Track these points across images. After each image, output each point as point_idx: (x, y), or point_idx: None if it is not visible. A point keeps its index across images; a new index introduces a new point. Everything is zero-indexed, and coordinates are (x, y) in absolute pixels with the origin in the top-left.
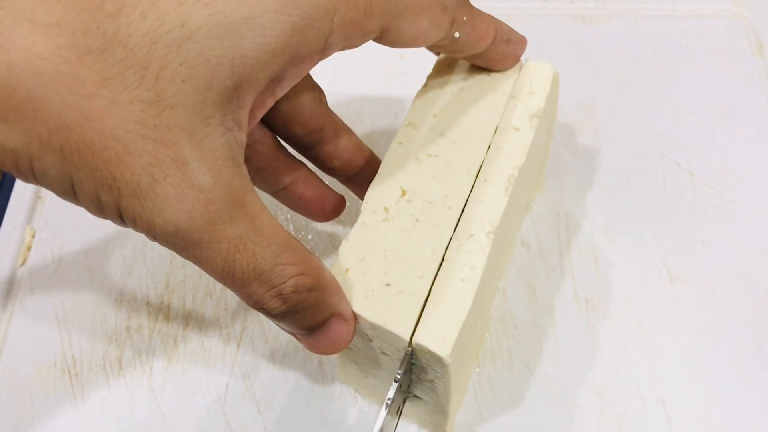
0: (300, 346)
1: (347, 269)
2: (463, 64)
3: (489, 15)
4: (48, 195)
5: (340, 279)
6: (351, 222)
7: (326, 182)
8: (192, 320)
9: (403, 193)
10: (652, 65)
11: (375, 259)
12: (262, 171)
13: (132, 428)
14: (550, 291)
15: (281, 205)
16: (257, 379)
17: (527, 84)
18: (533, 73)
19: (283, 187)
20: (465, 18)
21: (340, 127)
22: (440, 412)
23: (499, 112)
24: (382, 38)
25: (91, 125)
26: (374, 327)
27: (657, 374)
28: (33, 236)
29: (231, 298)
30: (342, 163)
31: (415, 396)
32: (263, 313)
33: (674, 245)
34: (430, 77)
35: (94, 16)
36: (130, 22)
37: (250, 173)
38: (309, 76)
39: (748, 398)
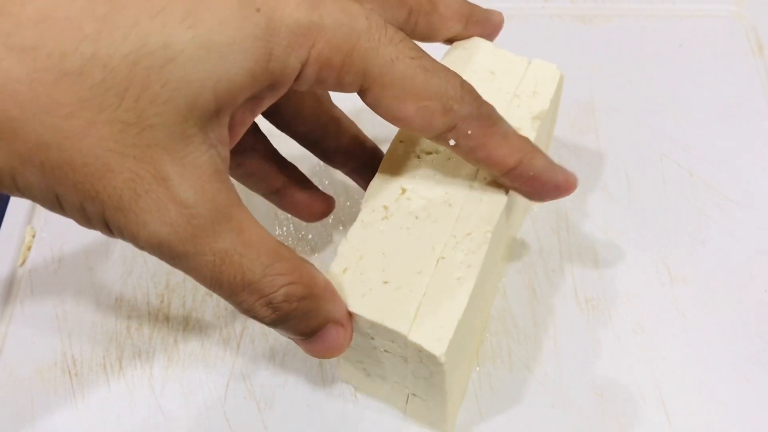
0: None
1: (346, 268)
2: (467, 64)
3: (520, 139)
4: None
5: (338, 278)
6: (350, 220)
7: (323, 180)
8: (192, 320)
9: (403, 191)
10: (652, 65)
11: (374, 257)
12: (255, 175)
13: (132, 428)
14: (550, 291)
15: None
16: (257, 379)
17: (532, 84)
18: (538, 74)
19: (275, 191)
20: (470, 132)
21: (343, 122)
22: (439, 410)
23: (502, 111)
24: (364, 98)
25: (70, 143)
26: (373, 325)
27: (657, 374)
28: (33, 236)
29: None
30: (345, 157)
31: (414, 395)
32: (255, 319)
33: (674, 245)
34: None
35: (73, 38)
36: (110, 44)
37: (243, 177)
38: None
39: (748, 398)
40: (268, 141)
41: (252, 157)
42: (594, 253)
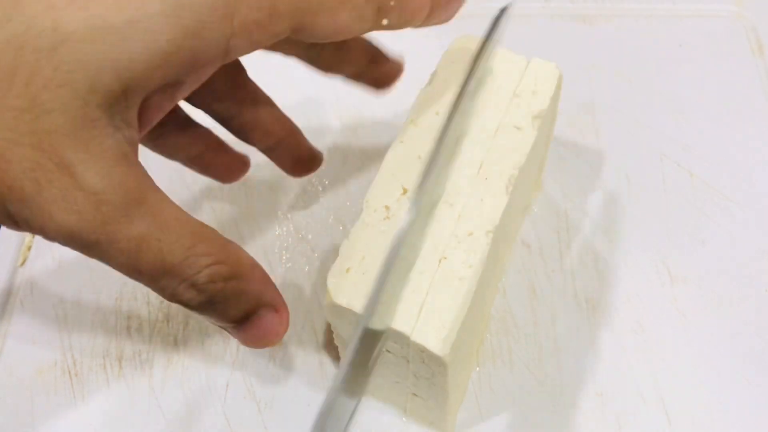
0: (303, 345)
1: (348, 268)
2: (468, 62)
3: None
4: None
5: (341, 278)
6: (350, 220)
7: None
8: (192, 320)
9: (405, 191)
10: (652, 65)
11: (376, 257)
12: (173, 145)
13: (132, 428)
14: (550, 291)
15: (280, 204)
16: (257, 379)
17: (531, 83)
18: (538, 73)
19: (193, 157)
20: (392, 2)
21: (260, 98)
22: (440, 410)
23: (501, 110)
24: (297, 35)
25: None
26: None
27: (657, 374)
28: (33, 236)
29: None
30: (261, 134)
31: (415, 395)
32: (183, 306)
33: (674, 245)
34: (434, 75)
35: None
36: None
37: (160, 148)
38: None
39: (748, 398)
40: (181, 110)
41: (168, 128)
42: (594, 253)
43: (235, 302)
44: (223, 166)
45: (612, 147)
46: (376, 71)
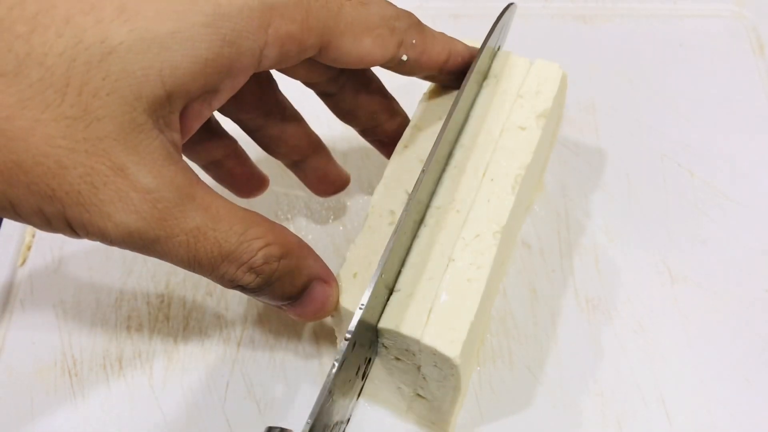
0: (300, 345)
1: (356, 273)
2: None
3: (443, 35)
4: None
5: (349, 282)
6: (352, 223)
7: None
8: (192, 320)
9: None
10: (652, 65)
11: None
12: (196, 145)
13: (132, 428)
14: (550, 291)
15: (280, 204)
16: (257, 379)
17: (534, 83)
18: (541, 73)
19: (214, 161)
20: (414, 41)
21: (288, 112)
22: (443, 411)
23: (506, 111)
24: (321, 55)
25: (16, 145)
26: (387, 332)
27: (657, 374)
28: (33, 236)
29: (231, 297)
30: (286, 148)
31: (419, 395)
32: (241, 290)
33: (674, 245)
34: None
35: (4, 38)
36: (44, 42)
37: (184, 146)
38: None
39: (748, 398)
40: (211, 114)
41: (194, 126)
42: (594, 253)
43: (289, 279)
44: (241, 177)
45: (612, 147)
46: (391, 123)
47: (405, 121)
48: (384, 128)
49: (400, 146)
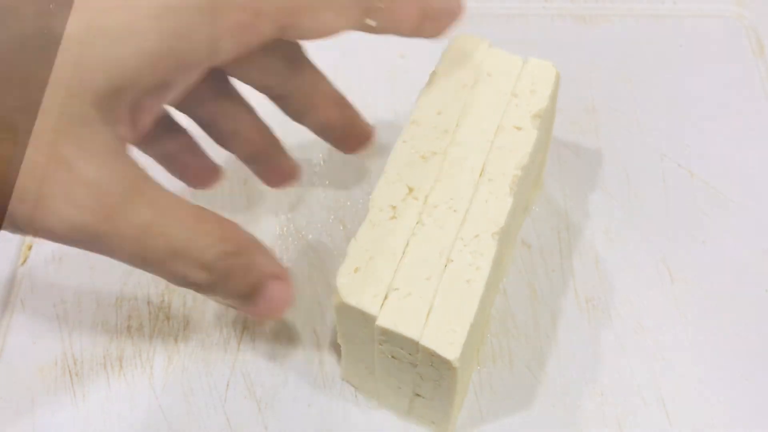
0: (303, 345)
1: (356, 268)
2: (468, 61)
3: None
4: None
5: (349, 278)
6: (350, 220)
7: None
8: (192, 320)
9: (410, 190)
10: (652, 65)
11: (383, 258)
12: (149, 138)
13: (132, 427)
14: (550, 291)
15: (280, 204)
16: (257, 379)
17: (529, 82)
18: (535, 72)
19: (168, 154)
20: (381, 5)
21: (242, 107)
22: (443, 412)
23: (500, 111)
24: (284, 35)
25: None
26: (385, 331)
27: (657, 374)
28: None
29: None
30: (240, 142)
31: (418, 395)
32: (192, 288)
33: (674, 245)
34: (434, 74)
35: None
36: None
37: (135, 140)
38: None
39: (748, 398)
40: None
41: (146, 120)
42: (594, 253)
43: (242, 277)
44: (194, 170)
45: (612, 147)
46: (345, 130)
47: (366, 130)
48: (340, 134)
49: (399, 141)
